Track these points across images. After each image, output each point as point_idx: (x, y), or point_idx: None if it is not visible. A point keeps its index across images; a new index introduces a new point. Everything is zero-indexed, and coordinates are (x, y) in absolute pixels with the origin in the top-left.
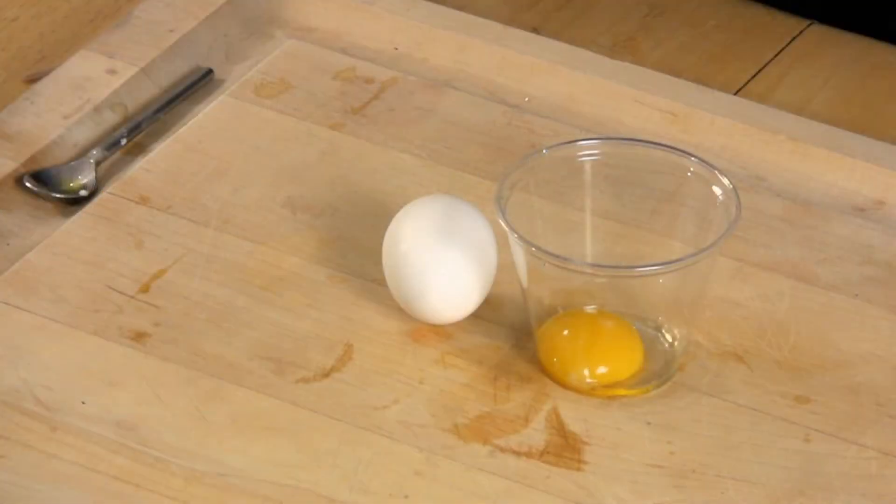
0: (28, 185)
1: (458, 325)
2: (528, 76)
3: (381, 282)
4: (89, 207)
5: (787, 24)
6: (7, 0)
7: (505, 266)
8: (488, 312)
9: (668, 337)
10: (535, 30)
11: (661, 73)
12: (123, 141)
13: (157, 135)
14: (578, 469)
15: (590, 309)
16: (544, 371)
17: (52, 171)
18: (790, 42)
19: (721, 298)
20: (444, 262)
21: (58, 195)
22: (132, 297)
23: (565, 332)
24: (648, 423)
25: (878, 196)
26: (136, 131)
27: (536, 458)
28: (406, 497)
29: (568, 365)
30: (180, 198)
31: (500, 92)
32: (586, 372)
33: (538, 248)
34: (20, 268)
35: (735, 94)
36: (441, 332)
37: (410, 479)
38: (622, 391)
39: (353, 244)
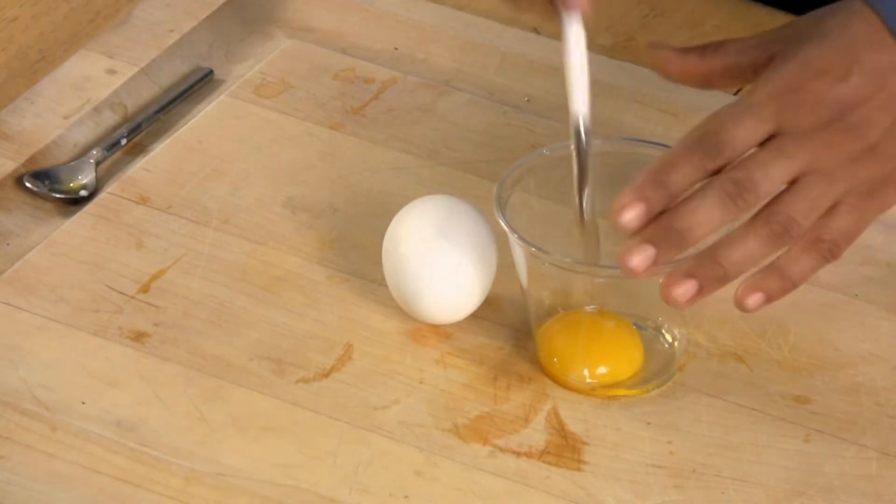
0: (28, 185)
1: (458, 325)
2: (528, 76)
3: (381, 282)
4: (89, 207)
5: None
6: (7, 0)
7: (505, 266)
8: (488, 312)
9: (668, 337)
10: (535, 30)
11: None
12: (123, 141)
13: (157, 135)
14: (578, 469)
15: (590, 309)
16: (544, 371)
17: (52, 171)
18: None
19: (721, 298)
20: (444, 262)
21: (58, 195)
22: (132, 297)
23: (565, 332)
24: (648, 423)
25: None
26: (136, 131)
27: (536, 458)
28: (406, 497)
29: (568, 365)
30: (180, 198)
31: (500, 92)
32: (586, 372)
33: (538, 248)
34: (20, 268)
35: (735, 94)
36: (441, 332)
37: (410, 479)
38: (622, 391)
39: (353, 244)
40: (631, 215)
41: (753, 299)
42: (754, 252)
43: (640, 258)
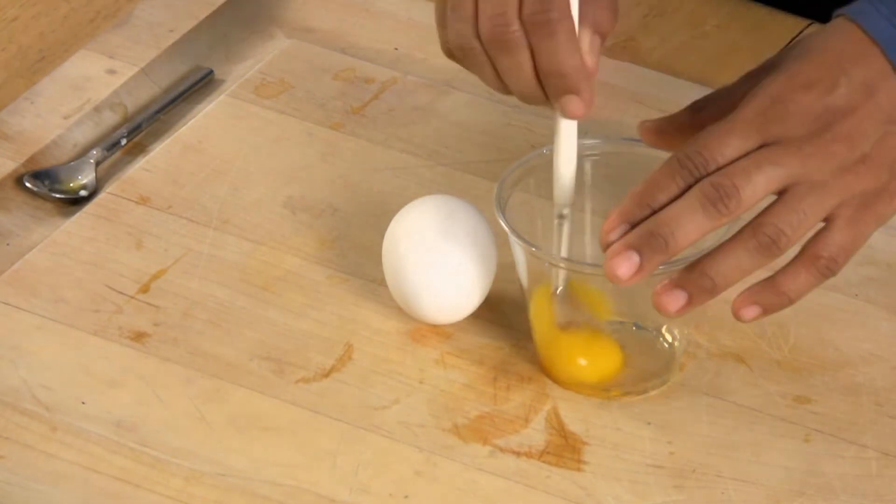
0: (28, 185)
1: (458, 325)
2: None
3: (381, 282)
4: (89, 207)
5: (787, 24)
6: (7, 0)
7: (505, 266)
8: (488, 312)
9: (668, 337)
10: None
11: (661, 73)
12: (123, 141)
13: (157, 135)
14: (578, 469)
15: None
16: (545, 371)
17: (52, 171)
18: (790, 42)
19: (721, 298)
20: (444, 262)
21: (58, 195)
22: (132, 297)
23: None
24: (648, 423)
25: None
26: (136, 131)
27: (536, 458)
28: (406, 497)
29: (562, 369)
30: (180, 198)
31: None
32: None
33: (538, 248)
34: (20, 268)
35: None
36: (441, 332)
37: (410, 479)
38: (622, 391)
39: (353, 244)
40: (617, 238)
41: (749, 311)
42: (743, 264)
43: (625, 266)
